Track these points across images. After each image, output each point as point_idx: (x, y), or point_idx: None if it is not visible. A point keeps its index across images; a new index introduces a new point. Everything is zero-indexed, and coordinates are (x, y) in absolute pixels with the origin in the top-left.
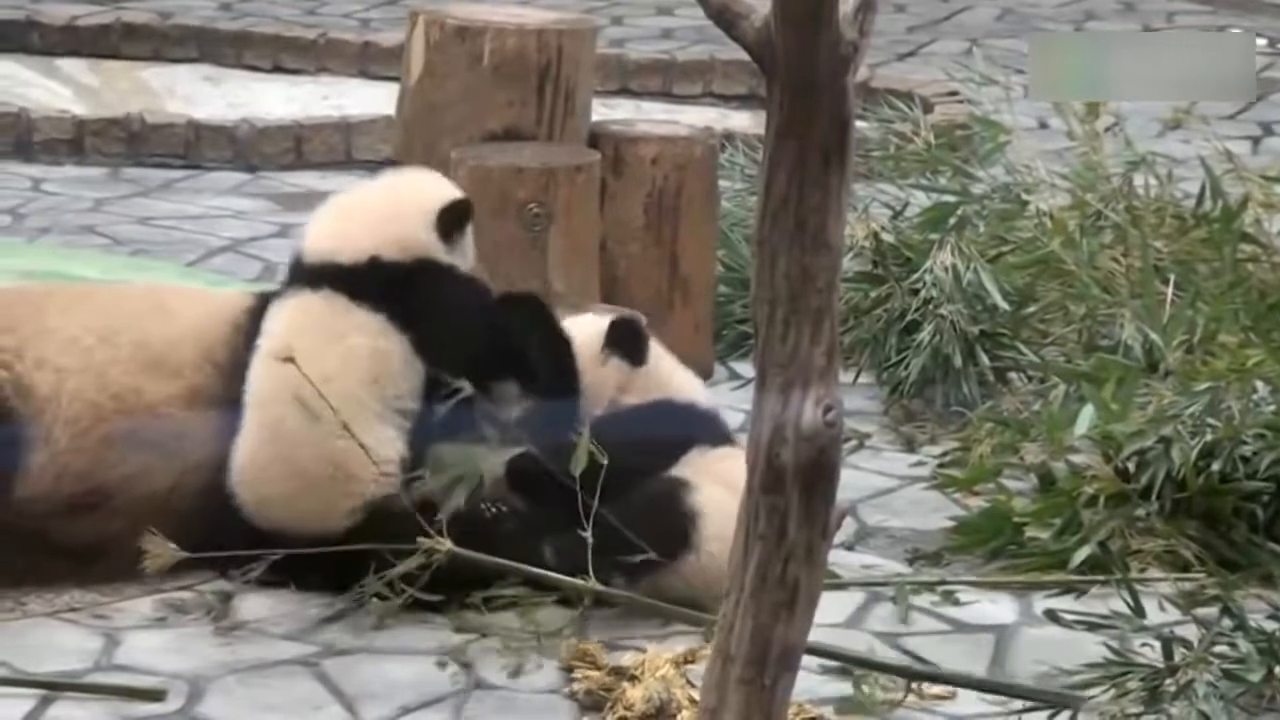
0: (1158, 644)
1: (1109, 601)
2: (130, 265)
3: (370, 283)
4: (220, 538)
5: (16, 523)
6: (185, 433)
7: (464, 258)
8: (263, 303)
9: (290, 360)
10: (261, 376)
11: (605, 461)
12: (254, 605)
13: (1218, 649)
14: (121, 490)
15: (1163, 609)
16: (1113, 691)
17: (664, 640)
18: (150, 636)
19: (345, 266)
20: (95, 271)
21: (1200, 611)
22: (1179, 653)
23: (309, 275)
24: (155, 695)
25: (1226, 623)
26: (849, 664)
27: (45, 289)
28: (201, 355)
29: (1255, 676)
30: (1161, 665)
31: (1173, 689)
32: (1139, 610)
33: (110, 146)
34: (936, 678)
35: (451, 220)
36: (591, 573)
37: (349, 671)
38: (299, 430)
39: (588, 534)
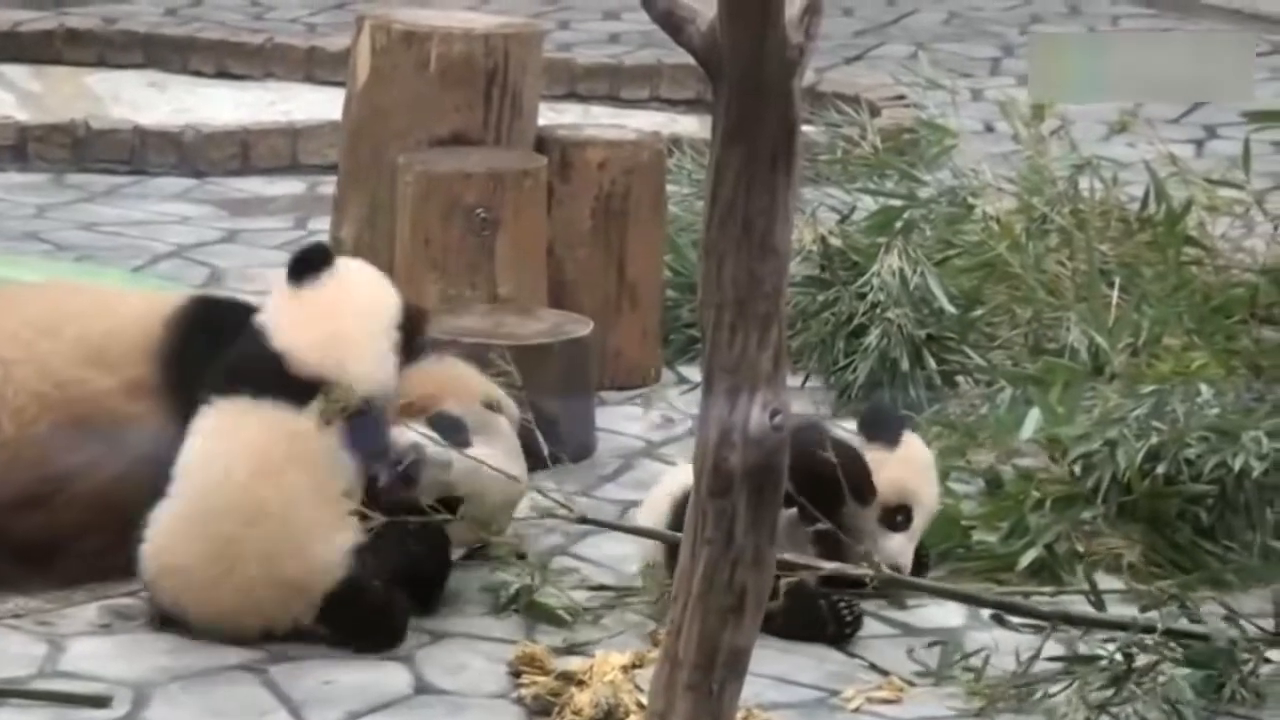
0: (1109, 646)
1: (1055, 604)
2: (75, 271)
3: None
4: None
5: None
6: (129, 424)
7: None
8: (201, 307)
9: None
10: (199, 465)
11: None
12: None
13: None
14: (73, 478)
15: (1106, 608)
16: (1074, 686)
17: (612, 645)
18: (95, 643)
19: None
20: (39, 278)
21: (1150, 615)
22: (1128, 652)
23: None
24: (100, 701)
25: (1183, 623)
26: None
27: None
28: (138, 350)
29: (1209, 678)
30: (1110, 662)
31: (1124, 695)
32: (1100, 604)
33: (54, 152)
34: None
35: (411, 349)
36: None
37: (295, 677)
38: (244, 544)
39: None
